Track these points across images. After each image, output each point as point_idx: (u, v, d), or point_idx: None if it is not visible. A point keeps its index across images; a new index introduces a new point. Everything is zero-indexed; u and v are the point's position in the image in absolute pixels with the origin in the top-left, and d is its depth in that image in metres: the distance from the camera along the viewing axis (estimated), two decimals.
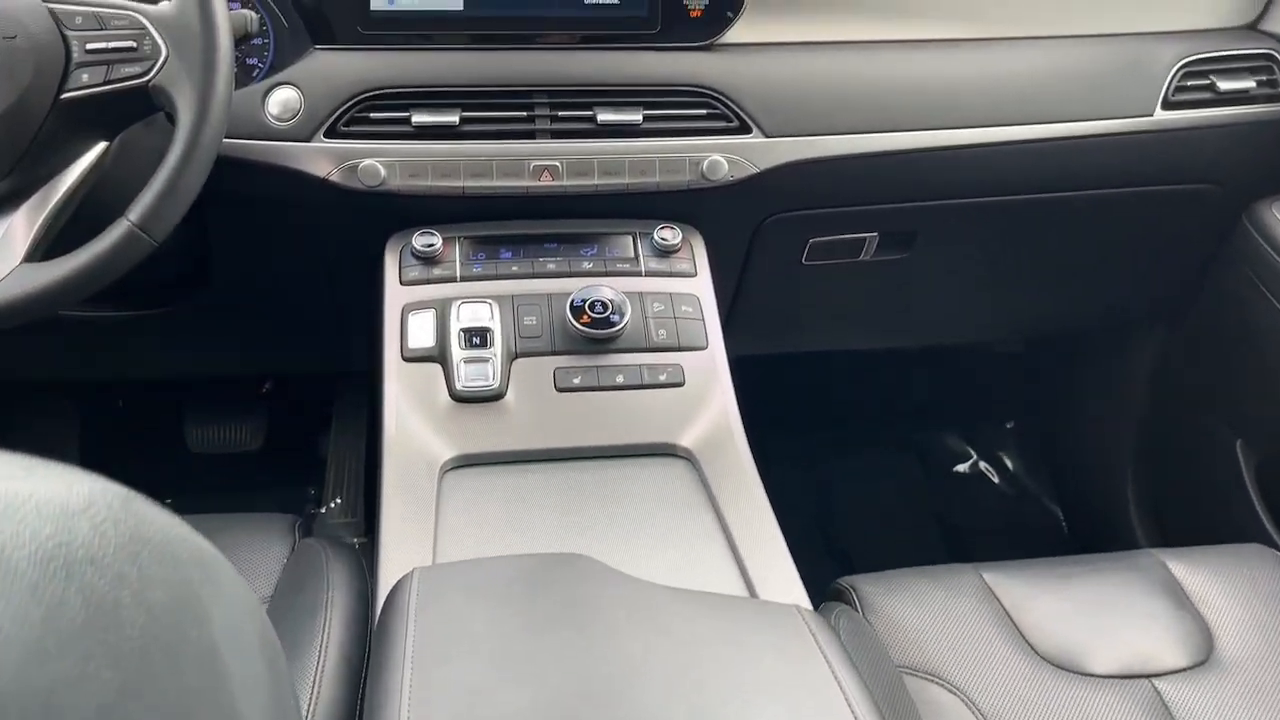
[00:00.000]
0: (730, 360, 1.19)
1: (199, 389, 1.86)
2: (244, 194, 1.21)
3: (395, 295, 1.19)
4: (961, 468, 2.10)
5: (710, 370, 1.16)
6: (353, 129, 1.21)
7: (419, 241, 1.21)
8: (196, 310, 1.41)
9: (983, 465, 2.09)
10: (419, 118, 1.21)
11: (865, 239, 1.41)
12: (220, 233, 1.30)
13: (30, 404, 1.80)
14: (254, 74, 1.26)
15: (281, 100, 1.20)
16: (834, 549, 1.95)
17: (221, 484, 1.88)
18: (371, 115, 1.21)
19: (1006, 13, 1.39)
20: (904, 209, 1.38)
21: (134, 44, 0.94)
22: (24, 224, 0.94)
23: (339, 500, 1.85)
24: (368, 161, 1.20)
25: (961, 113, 1.32)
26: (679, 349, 1.17)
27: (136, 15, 0.95)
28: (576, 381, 1.13)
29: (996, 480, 2.08)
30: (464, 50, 1.25)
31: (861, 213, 1.37)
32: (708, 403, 1.13)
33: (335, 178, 1.20)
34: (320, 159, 1.20)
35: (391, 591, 0.77)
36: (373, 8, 1.22)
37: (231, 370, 1.69)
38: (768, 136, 1.26)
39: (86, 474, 0.38)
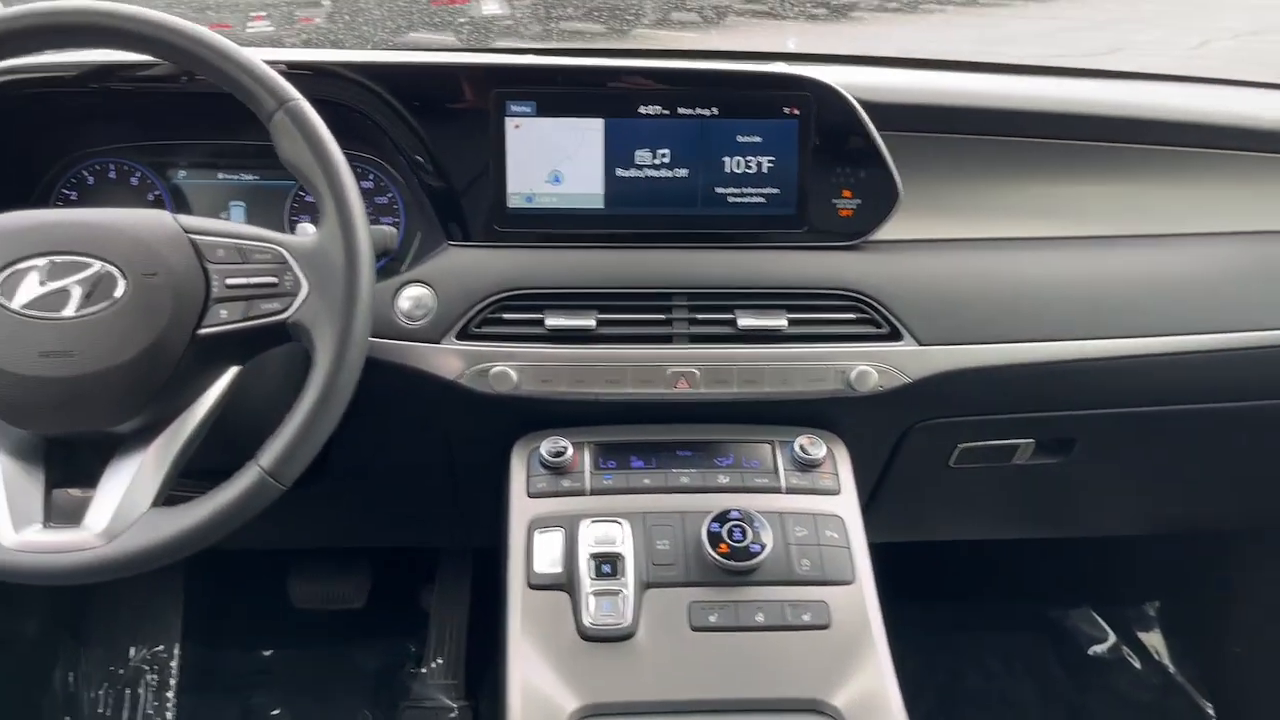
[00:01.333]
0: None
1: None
2: (369, 391, 1.17)
3: (521, 509, 1.13)
4: (1098, 650, 1.94)
5: (859, 611, 1.06)
6: (484, 330, 1.16)
7: (547, 449, 1.15)
8: (310, 494, 1.37)
9: (1124, 650, 1.93)
10: (553, 320, 1.16)
11: (1019, 445, 1.30)
12: (342, 427, 1.26)
13: None
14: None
15: (413, 298, 1.16)
16: None
17: (323, 639, 1.84)
18: (504, 316, 1.17)
19: (1177, 206, 1.29)
20: (1064, 416, 1.28)
21: (274, 279, 0.90)
22: (154, 463, 0.91)
23: (440, 661, 1.79)
24: (499, 367, 1.14)
25: (1131, 319, 1.22)
26: (824, 583, 1.08)
27: (278, 248, 0.91)
28: (713, 619, 1.05)
29: (1138, 666, 1.92)
30: (601, 248, 1.20)
31: (1017, 420, 1.28)
32: (857, 653, 1.03)
33: (466, 382, 1.15)
34: (451, 361, 1.15)
35: None
36: (510, 205, 1.19)
37: (339, 543, 1.66)
38: (920, 344, 1.18)
39: None
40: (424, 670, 1.78)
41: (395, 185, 1.28)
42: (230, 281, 0.90)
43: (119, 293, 0.87)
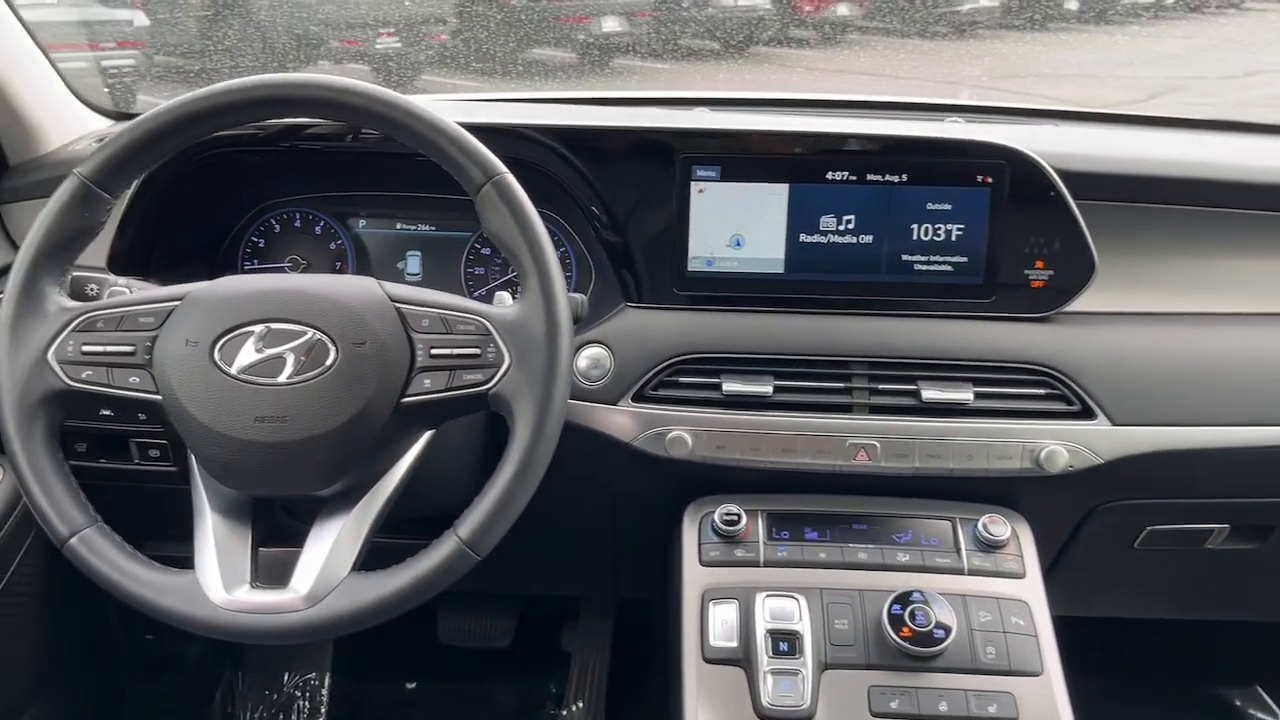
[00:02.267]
0: None
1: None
2: None
3: (694, 578, 1.12)
4: None
5: (1049, 706, 1.02)
6: (660, 393, 1.16)
7: (720, 516, 1.13)
8: None
9: None
10: (730, 386, 1.14)
11: (1212, 530, 1.23)
12: None
13: None
14: None
15: (591, 357, 1.17)
16: None
17: (467, 676, 1.86)
18: (681, 379, 1.16)
19: None
20: (1265, 503, 1.20)
21: (477, 350, 0.91)
22: (354, 527, 0.92)
23: (580, 703, 1.79)
24: (675, 432, 1.14)
25: None
26: (1009, 673, 1.04)
27: (482, 319, 0.92)
28: (894, 706, 1.02)
29: None
30: (780, 314, 1.18)
31: (1211, 505, 1.21)
32: None
33: (640, 444, 1.15)
34: (627, 423, 1.15)
35: None
36: (690, 268, 1.18)
37: (491, 589, 1.67)
38: (1114, 424, 1.13)
39: None
40: (564, 712, 1.79)
41: (569, 242, 1.29)
42: (435, 351, 0.91)
43: (330, 360, 0.89)
